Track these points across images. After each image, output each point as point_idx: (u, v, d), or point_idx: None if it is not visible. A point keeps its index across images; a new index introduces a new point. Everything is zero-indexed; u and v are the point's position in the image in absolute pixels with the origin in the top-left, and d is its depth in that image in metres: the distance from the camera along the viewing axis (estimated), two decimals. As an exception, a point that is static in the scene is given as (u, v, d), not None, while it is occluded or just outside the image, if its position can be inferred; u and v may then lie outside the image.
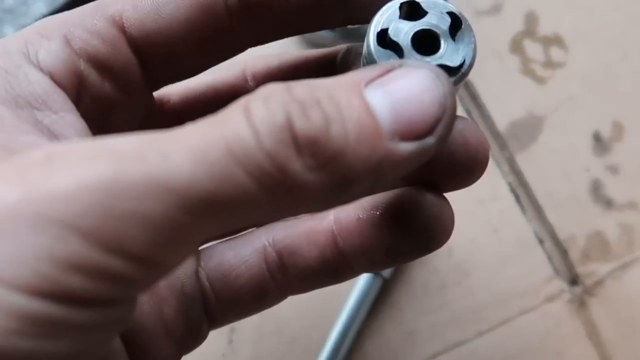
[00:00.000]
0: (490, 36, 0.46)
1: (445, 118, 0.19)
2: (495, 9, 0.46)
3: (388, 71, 0.19)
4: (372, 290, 0.41)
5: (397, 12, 0.22)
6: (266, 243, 0.25)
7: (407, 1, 0.22)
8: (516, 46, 0.46)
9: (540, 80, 0.45)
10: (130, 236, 0.16)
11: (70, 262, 0.16)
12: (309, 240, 0.25)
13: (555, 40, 0.46)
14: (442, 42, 0.22)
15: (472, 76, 0.45)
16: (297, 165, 0.18)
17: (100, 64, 0.21)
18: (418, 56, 0.22)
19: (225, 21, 0.22)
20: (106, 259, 0.16)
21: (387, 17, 0.22)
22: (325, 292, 0.43)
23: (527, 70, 0.45)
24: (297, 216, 0.26)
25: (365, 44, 0.22)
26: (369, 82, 0.19)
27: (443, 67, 0.21)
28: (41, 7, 0.42)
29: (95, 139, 0.19)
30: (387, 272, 0.41)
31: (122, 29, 0.22)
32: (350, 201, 0.22)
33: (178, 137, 0.17)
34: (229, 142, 0.17)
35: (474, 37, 0.22)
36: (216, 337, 0.41)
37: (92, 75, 0.21)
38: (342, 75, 0.19)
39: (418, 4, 0.22)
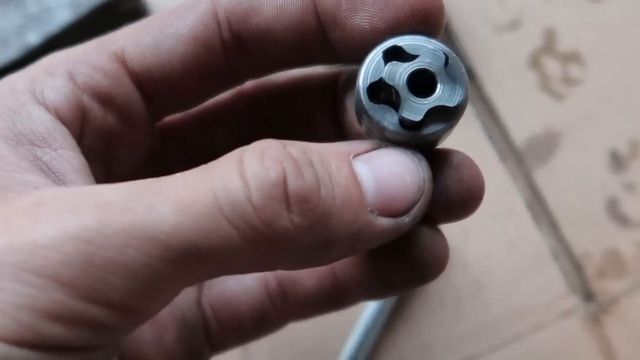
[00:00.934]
0: (508, 52, 0.46)
1: (421, 201, 0.21)
2: (514, 25, 0.46)
3: (374, 148, 0.21)
4: (388, 302, 0.41)
5: (382, 62, 0.21)
6: (267, 272, 0.25)
7: (390, 47, 0.21)
8: (534, 62, 0.46)
9: (558, 96, 0.45)
10: (110, 285, 0.17)
11: (51, 311, 0.16)
12: (308, 269, 0.25)
13: (573, 57, 0.46)
14: (438, 81, 0.21)
15: (491, 91, 0.45)
16: (285, 221, 0.18)
17: (103, 98, 0.22)
18: (415, 98, 0.21)
19: (222, 55, 0.23)
20: (86, 308, 0.17)
21: (373, 68, 0.21)
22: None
23: (545, 86, 0.45)
24: None
25: (355, 95, 0.22)
26: (357, 155, 0.20)
27: (442, 108, 0.21)
28: (65, 15, 0.42)
29: (85, 186, 0.20)
30: (403, 285, 0.41)
31: (124, 64, 0.22)
32: (324, 264, 0.22)
33: (166, 187, 0.18)
34: (217, 194, 0.18)
35: (464, 71, 0.21)
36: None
37: (95, 108, 0.22)
38: (333, 144, 0.20)
39: (401, 48, 0.21)
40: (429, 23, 0.21)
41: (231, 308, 0.25)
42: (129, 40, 0.23)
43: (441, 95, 0.21)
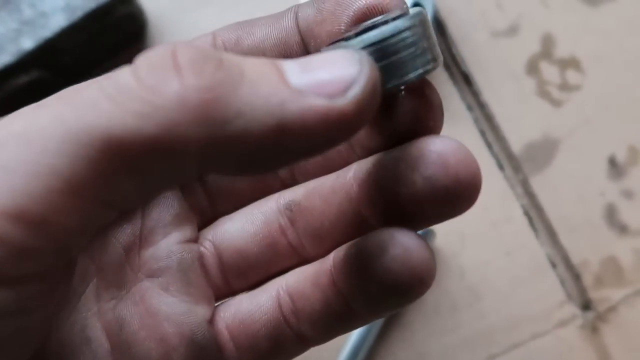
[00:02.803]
0: (506, 58, 0.46)
1: (361, 79, 0.18)
2: (512, 31, 0.46)
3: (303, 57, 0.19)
4: (383, 310, 0.41)
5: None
6: (280, 289, 0.24)
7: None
8: (532, 68, 0.46)
9: (556, 102, 0.45)
10: None
11: None
12: (313, 282, 0.24)
13: (571, 63, 0.46)
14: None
15: (488, 97, 0.45)
16: (174, 83, 0.17)
17: None
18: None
19: None
20: None
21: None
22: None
23: (543, 92, 0.45)
24: (309, 260, 0.25)
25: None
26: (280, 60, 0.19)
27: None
28: (60, 19, 0.42)
29: None
30: (398, 293, 0.41)
31: None
32: (264, 160, 0.18)
33: (59, 93, 0.18)
34: (101, 82, 0.17)
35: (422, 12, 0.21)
36: None
37: None
38: None
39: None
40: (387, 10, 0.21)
41: (246, 327, 0.24)
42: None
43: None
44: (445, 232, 0.42)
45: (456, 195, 0.21)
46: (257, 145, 0.17)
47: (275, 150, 0.18)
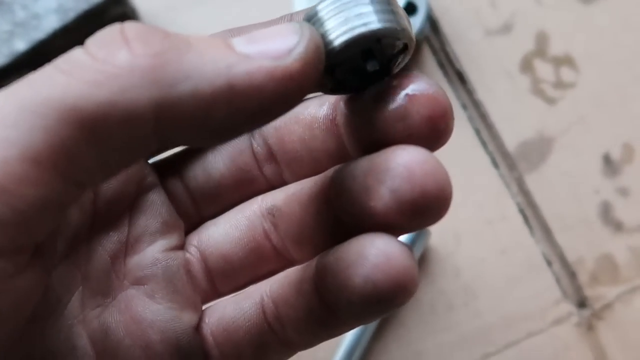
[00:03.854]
0: (500, 56, 0.46)
1: (303, 39, 0.19)
2: (506, 29, 0.46)
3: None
4: (378, 310, 0.40)
5: None
6: (264, 294, 0.24)
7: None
8: (526, 66, 0.45)
9: (550, 100, 0.45)
10: None
11: None
12: (296, 289, 0.23)
13: (566, 61, 0.46)
14: None
15: (482, 96, 0.45)
16: (123, 53, 0.17)
17: None
18: None
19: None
20: None
21: None
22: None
23: (537, 90, 0.45)
24: (292, 265, 0.25)
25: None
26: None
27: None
28: (53, 21, 0.42)
29: None
30: (393, 292, 0.41)
31: None
32: (224, 121, 0.19)
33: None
34: (54, 62, 0.18)
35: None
36: None
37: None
38: None
39: None
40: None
41: (229, 334, 0.24)
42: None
43: None
44: (440, 231, 0.42)
45: (423, 208, 0.20)
46: (209, 105, 0.18)
47: (229, 112, 0.18)
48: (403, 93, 0.21)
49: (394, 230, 0.21)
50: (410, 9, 0.44)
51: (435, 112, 0.21)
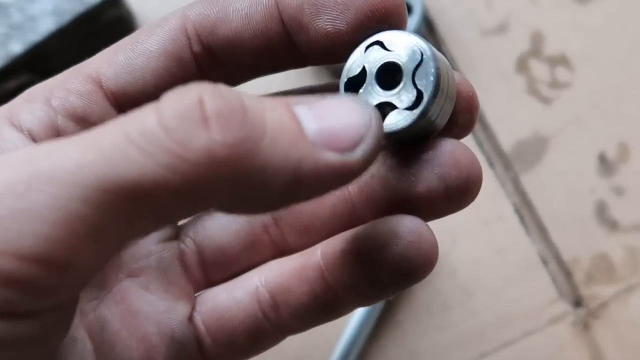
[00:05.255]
0: (495, 56, 0.46)
1: (369, 137, 0.19)
2: (501, 29, 0.46)
3: (319, 99, 0.20)
4: (374, 310, 0.41)
5: (363, 56, 0.22)
6: (258, 284, 0.25)
7: (373, 42, 0.22)
8: (522, 66, 0.46)
9: (545, 100, 0.45)
10: (19, 233, 0.16)
11: None
12: (299, 277, 0.24)
13: (561, 61, 0.46)
14: (402, 77, 0.22)
15: (478, 96, 0.45)
16: (202, 139, 0.17)
17: (78, 117, 0.23)
18: (375, 88, 0.22)
19: (194, 68, 0.23)
20: (1, 261, 0.16)
21: (354, 63, 0.22)
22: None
23: (532, 90, 0.45)
24: (289, 254, 0.25)
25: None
26: (299, 103, 0.19)
27: (395, 105, 0.22)
28: (49, 23, 0.42)
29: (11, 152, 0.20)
30: (390, 292, 0.41)
31: (99, 85, 0.23)
32: (270, 206, 0.20)
33: (79, 135, 0.17)
34: (126, 127, 0.17)
35: (432, 75, 0.21)
36: None
37: (70, 128, 0.23)
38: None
39: (382, 43, 0.22)
40: (391, 21, 0.22)
41: (223, 323, 0.25)
42: (102, 63, 0.23)
43: (399, 93, 0.22)
44: (436, 231, 0.42)
45: (467, 193, 0.22)
46: (274, 194, 0.19)
47: (286, 198, 0.19)
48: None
49: (432, 215, 0.23)
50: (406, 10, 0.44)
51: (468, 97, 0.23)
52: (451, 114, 0.23)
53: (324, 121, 0.19)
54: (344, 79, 0.22)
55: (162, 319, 0.24)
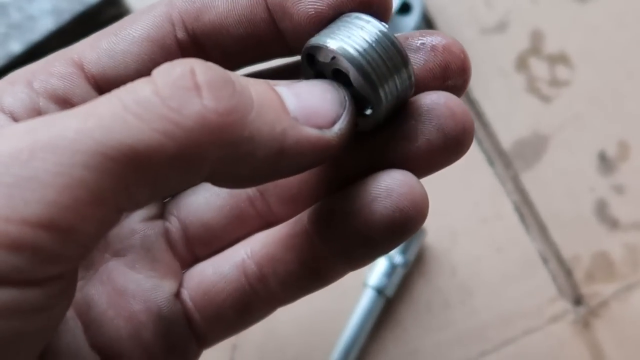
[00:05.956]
0: (495, 54, 0.46)
1: (345, 116, 0.21)
2: (501, 27, 0.46)
3: (295, 82, 0.21)
4: (375, 308, 0.41)
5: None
6: (245, 256, 0.25)
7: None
8: (522, 64, 0.46)
9: (545, 98, 0.45)
10: (24, 200, 0.17)
11: None
12: (285, 244, 0.24)
13: (561, 59, 0.46)
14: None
15: (477, 94, 0.45)
16: (196, 105, 0.18)
17: (59, 99, 0.23)
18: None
19: (178, 55, 0.24)
20: (5, 227, 0.17)
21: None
22: (328, 311, 0.43)
23: (532, 88, 0.45)
24: (275, 226, 0.26)
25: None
26: (276, 83, 0.21)
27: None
28: (48, 22, 0.42)
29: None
30: (390, 291, 0.41)
31: (81, 68, 0.23)
32: (255, 179, 0.21)
33: (76, 107, 0.18)
34: (121, 97, 0.18)
35: (357, 73, 0.21)
36: (218, 355, 0.41)
37: (51, 109, 0.23)
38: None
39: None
40: (374, 5, 0.22)
41: (210, 297, 0.25)
42: (85, 47, 0.24)
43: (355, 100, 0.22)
44: (436, 229, 0.42)
45: (464, 143, 0.23)
46: (259, 164, 0.20)
47: (271, 169, 0.20)
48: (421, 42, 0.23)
49: (429, 169, 0.23)
50: (405, 8, 0.44)
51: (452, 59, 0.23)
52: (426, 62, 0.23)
53: (303, 100, 0.21)
54: (305, 52, 0.22)
55: (148, 296, 0.25)
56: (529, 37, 0.46)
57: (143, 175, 0.18)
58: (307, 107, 0.20)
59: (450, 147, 0.22)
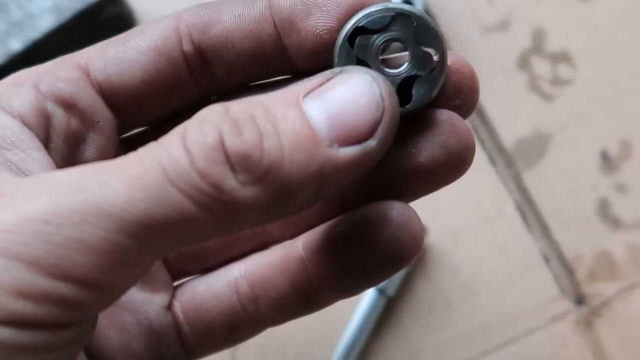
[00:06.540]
0: (497, 53, 0.45)
1: (385, 119, 0.20)
2: (503, 26, 0.46)
3: (327, 79, 0.20)
4: (376, 308, 0.40)
5: (349, 46, 0.22)
6: (238, 275, 0.25)
7: (352, 30, 0.22)
8: (524, 63, 0.45)
9: (547, 97, 0.45)
10: (73, 261, 0.18)
11: (17, 288, 0.18)
12: (279, 268, 0.24)
13: (563, 58, 0.46)
14: (407, 49, 0.22)
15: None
16: (231, 181, 0.19)
17: (65, 103, 0.23)
18: (388, 71, 0.22)
19: (184, 67, 0.24)
20: (52, 284, 0.18)
21: (345, 54, 0.22)
22: (329, 310, 0.42)
23: (534, 87, 0.45)
24: (269, 247, 0.26)
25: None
26: (308, 93, 0.20)
27: (417, 76, 0.22)
28: (48, 20, 0.42)
29: (42, 174, 0.21)
30: (391, 290, 0.41)
31: (87, 74, 0.24)
32: (299, 211, 0.21)
33: (118, 165, 0.19)
34: (163, 165, 0.19)
35: (437, 31, 0.22)
36: (219, 355, 0.41)
37: (58, 113, 0.23)
38: (283, 89, 0.20)
39: (364, 27, 0.22)
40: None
41: (201, 314, 0.25)
42: (92, 54, 0.24)
43: (412, 65, 0.22)
44: (437, 229, 0.42)
45: (465, 159, 0.23)
46: (300, 205, 0.20)
47: (312, 201, 0.20)
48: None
49: (431, 186, 0.23)
50: (407, 7, 0.44)
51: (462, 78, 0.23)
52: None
53: (336, 115, 0.20)
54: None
55: (139, 308, 0.25)
56: (531, 36, 0.46)
57: (183, 242, 0.19)
58: (341, 125, 0.20)
59: (452, 163, 0.22)
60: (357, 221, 0.23)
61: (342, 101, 0.20)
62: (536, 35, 0.46)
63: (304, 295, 0.24)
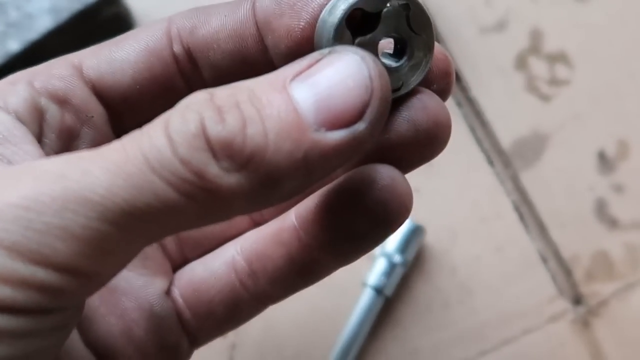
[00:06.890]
0: (494, 53, 0.46)
1: (374, 101, 0.19)
2: (500, 26, 0.46)
3: (316, 61, 0.20)
4: (374, 308, 0.41)
5: (348, 32, 0.22)
6: (234, 253, 0.25)
7: (350, 12, 0.21)
8: (521, 63, 0.46)
9: (545, 98, 0.45)
10: (53, 248, 0.18)
11: None
12: (274, 241, 0.25)
13: (560, 58, 0.46)
14: (407, 45, 0.22)
15: (477, 93, 0.45)
16: (214, 169, 0.19)
17: (59, 99, 0.24)
18: (390, 63, 0.22)
19: (173, 67, 0.24)
20: (30, 270, 0.18)
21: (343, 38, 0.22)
22: (327, 310, 0.43)
23: (532, 87, 0.45)
24: (265, 223, 0.26)
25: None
26: (295, 76, 0.20)
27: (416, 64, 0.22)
28: (46, 21, 0.42)
29: (27, 162, 0.22)
30: (389, 291, 0.41)
31: (80, 71, 0.24)
32: (287, 199, 0.20)
33: (101, 153, 0.19)
34: (145, 153, 0.19)
35: (427, 17, 0.22)
36: (217, 354, 0.41)
37: (52, 109, 0.24)
38: (271, 73, 0.20)
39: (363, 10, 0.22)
40: None
41: (200, 294, 0.25)
42: (86, 54, 0.25)
43: (410, 54, 0.22)
44: (435, 229, 0.42)
45: (435, 138, 0.22)
46: (288, 192, 0.20)
47: (300, 188, 0.20)
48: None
49: (406, 163, 0.23)
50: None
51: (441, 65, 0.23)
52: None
53: (323, 99, 0.19)
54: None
55: (140, 294, 0.25)
56: (529, 36, 0.46)
57: (166, 230, 0.20)
58: (328, 108, 0.19)
59: (422, 141, 0.22)
60: (344, 186, 0.23)
61: (329, 84, 0.19)
62: (534, 35, 0.46)
63: (300, 264, 0.24)
